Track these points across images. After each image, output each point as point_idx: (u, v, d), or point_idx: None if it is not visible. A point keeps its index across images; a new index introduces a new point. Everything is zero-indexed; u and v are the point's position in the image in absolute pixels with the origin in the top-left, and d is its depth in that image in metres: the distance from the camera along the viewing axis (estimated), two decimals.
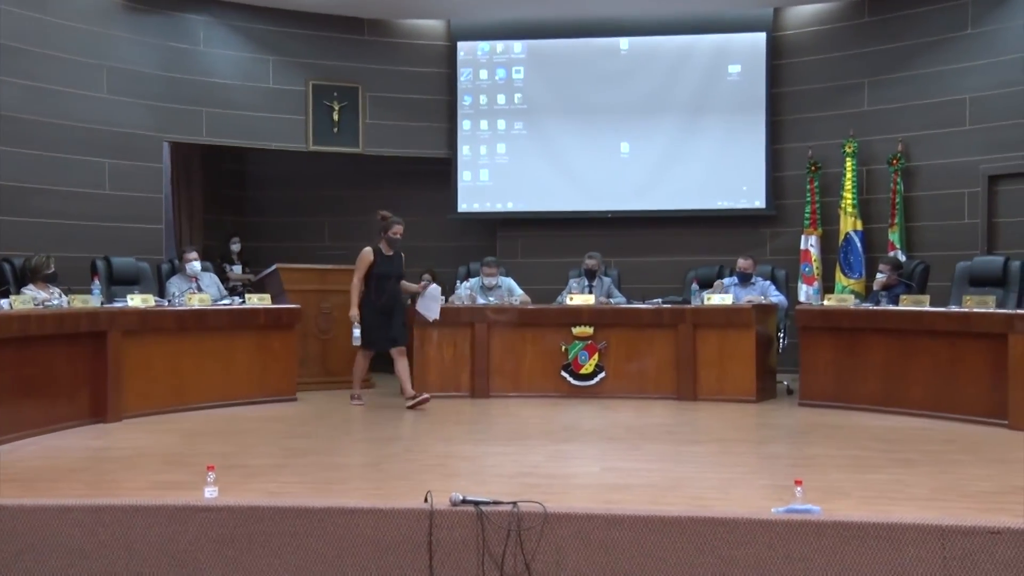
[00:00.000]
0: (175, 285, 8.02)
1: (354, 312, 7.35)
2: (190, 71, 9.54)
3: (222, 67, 9.74)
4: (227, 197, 11.06)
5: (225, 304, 7.78)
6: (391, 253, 7.46)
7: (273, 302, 7.99)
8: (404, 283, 7.66)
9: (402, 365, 7.51)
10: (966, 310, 6.71)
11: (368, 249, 7.44)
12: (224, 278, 9.47)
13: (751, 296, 8.21)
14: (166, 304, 7.41)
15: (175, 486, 4.53)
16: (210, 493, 4.04)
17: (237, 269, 9.82)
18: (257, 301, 7.88)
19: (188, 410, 7.12)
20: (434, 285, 7.86)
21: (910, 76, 9.38)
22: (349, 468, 5.07)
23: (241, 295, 8.43)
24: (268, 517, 3.81)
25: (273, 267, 8.65)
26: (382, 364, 9.93)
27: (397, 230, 7.45)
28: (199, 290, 7.95)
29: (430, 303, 7.78)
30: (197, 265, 8.18)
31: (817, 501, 3.89)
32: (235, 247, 9.92)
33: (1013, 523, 3.49)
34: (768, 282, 8.50)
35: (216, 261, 9.68)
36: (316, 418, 7.04)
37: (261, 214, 11.14)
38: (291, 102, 10.04)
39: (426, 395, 7.39)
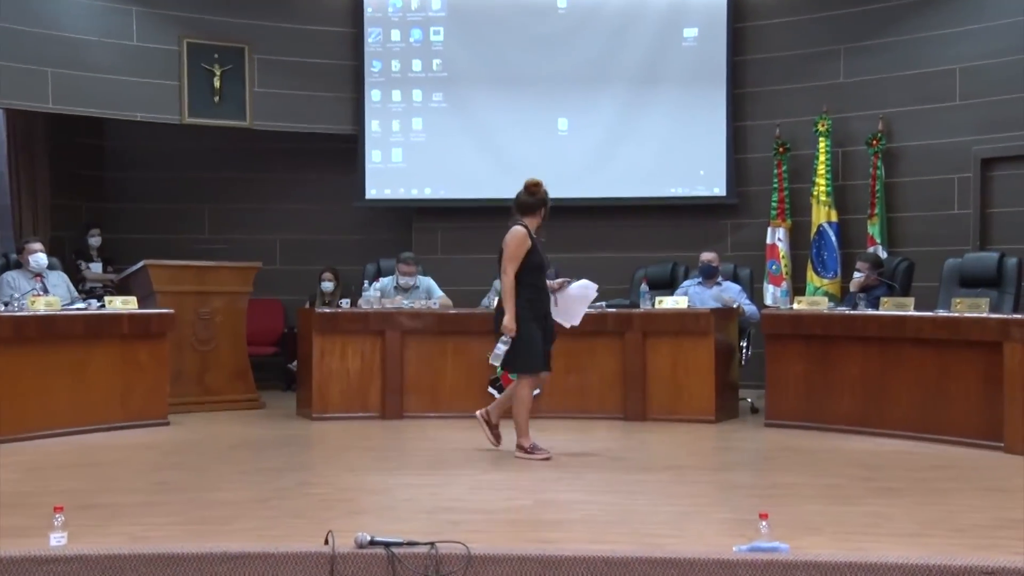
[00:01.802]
0: (13, 284, 7.79)
1: (514, 324, 6.17)
2: (31, 22, 9.24)
3: (73, 18, 9.48)
4: (81, 178, 10.80)
5: (79, 308, 7.60)
6: (536, 236, 6.40)
7: (140, 306, 7.83)
8: None
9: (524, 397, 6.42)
10: (956, 315, 6.86)
11: (522, 229, 6.30)
12: (79, 278, 9.27)
13: (725, 296, 8.29)
14: (2, 308, 7.20)
15: (13, 533, 4.38)
16: (57, 540, 3.93)
17: (96, 267, 9.61)
18: (120, 305, 7.73)
19: (30, 438, 6.93)
20: (585, 281, 6.68)
21: (892, 43, 9.57)
22: (233, 505, 5.00)
23: (100, 298, 8.25)
24: (132, 567, 3.72)
25: (140, 264, 8.49)
26: (268, 378, 9.87)
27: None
28: (45, 291, 7.75)
29: (575, 305, 6.64)
30: (43, 259, 7.96)
31: (785, 538, 3.94)
32: (94, 240, 9.70)
33: (1010, 562, 3.57)
34: (738, 286, 8.61)
35: (69, 257, 9.46)
36: (192, 445, 6.93)
37: (124, 199, 10.90)
38: (161, 64, 9.84)
39: (548, 454, 6.32)
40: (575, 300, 6.60)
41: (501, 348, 6.19)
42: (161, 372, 7.78)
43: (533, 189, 6.41)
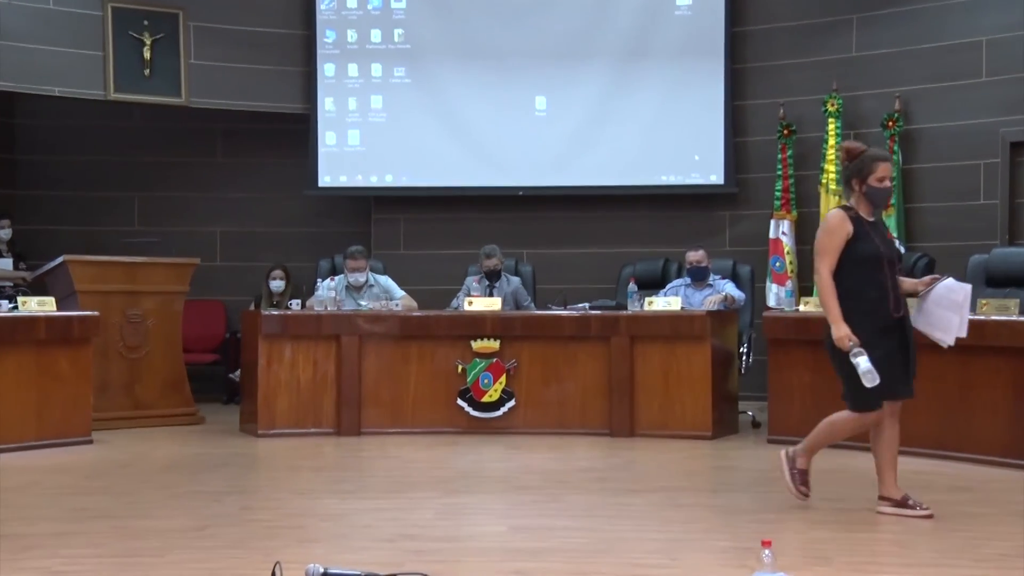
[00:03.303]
0: None
1: (844, 329, 5.25)
2: None
3: None
4: None
5: None
6: (873, 219, 5.49)
7: (59, 307, 7.80)
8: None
9: (892, 436, 5.51)
10: (981, 318, 6.89)
11: (839, 212, 5.43)
12: None
13: (712, 298, 8.32)
14: None
15: None
16: None
17: (6, 263, 9.54)
18: (36, 306, 7.67)
19: None
20: (950, 281, 5.50)
21: (911, 12, 9.61)
22: (165, 534, 4.98)
23: (11, 298, 8.20)
24: None
25: (59, 259, 8.45)
26: (208, 390, 9.82)
27: (883, 172, 5.35)
28: None
29: (946, 313, 5.47)
30: None
31: (791, 568, 3.96)
32: (4, 233, 9.63)
33: None
34: (728, 281, 8.64)
35: None
36: (119, 467, 6.89)
37: (40, 186, 10.82)
38: (83, 32, 9.77)
39: (927, 508, 5.35)
40: (946, 305, 5.46)
41: (863, 365, 5.13)
42: (84, 383, 7.73)
43: (843, 157, 5.53)
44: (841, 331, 5.23)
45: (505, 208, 10.42)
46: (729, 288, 8.47)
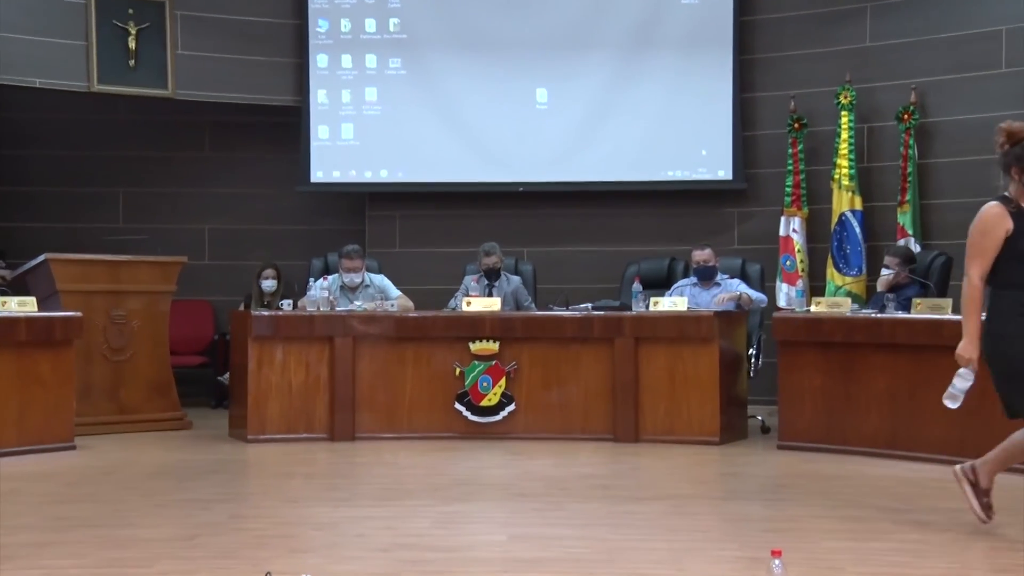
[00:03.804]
0: None
1: (972, 352, 4.98)
2: None
3: None
4: None
5: None
6: None
7: (40, 308, 7.80)
8: None
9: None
10: None
11: (995, 207, 5.00)
12: None
13: (725, 295, 8.31)
14: None
15: None
16: None
17: None
18: (16, 307, 7.67)
19: None
20: None
21: (927, 0, 9.62)
22: (151, 543, 4.98)
23: None
24: None
25: (40, 258, 8.44)
26: (195, 394, 9.81)
27: None
28: None
29: None
30: None
31: None
32: None
33: None
34: (738, 280, 8.63)
35: None
36: (103, 474, 6.89)
37: (20, 181, 10.81)
38: (65, 21, 9.76)
39: (988, 518, 5.21)
40: None
41: (958, 385, 5.00)
42: (66, 387, 7.73)
43: (1001, 143, 5.10)
44: (968, 352, 4.94)
45: (505, 205, 10.42)
46: (745, 288, 8.46)
